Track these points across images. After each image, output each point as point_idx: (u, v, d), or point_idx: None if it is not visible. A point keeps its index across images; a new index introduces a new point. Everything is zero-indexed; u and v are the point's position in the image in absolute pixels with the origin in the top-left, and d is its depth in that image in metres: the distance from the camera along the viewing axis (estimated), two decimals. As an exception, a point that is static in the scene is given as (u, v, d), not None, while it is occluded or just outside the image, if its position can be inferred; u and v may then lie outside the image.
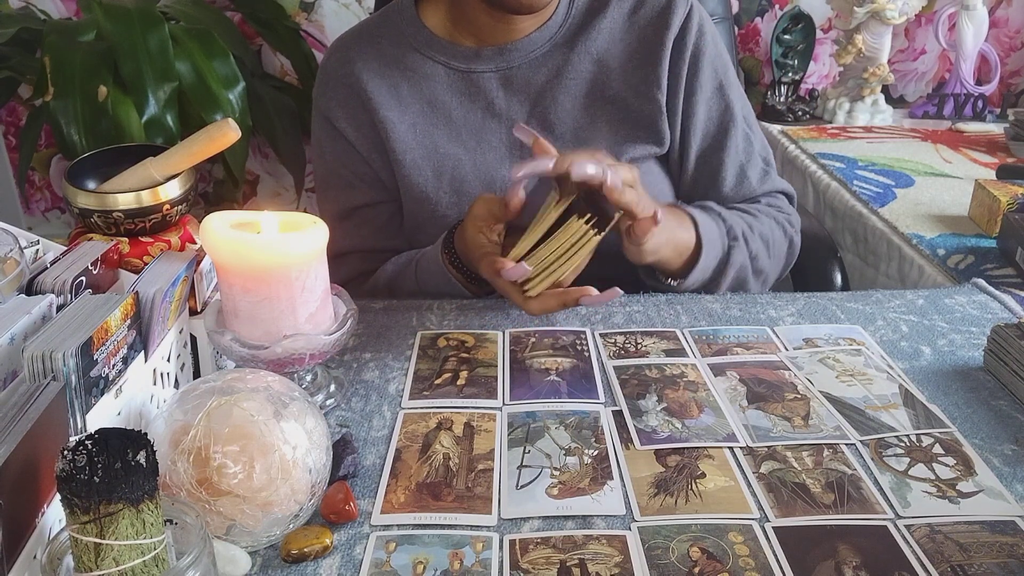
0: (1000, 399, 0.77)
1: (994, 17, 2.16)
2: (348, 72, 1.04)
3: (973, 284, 1.00)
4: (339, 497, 0.62)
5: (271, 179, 2.37)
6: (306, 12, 2.18)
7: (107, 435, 0.46)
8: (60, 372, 0.55)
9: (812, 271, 1.27)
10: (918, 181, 1.59)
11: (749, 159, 1.06)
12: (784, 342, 0.87)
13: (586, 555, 0.59)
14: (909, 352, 0.85)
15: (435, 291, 0.98)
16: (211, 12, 2.00)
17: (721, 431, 0.72)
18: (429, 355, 0.85)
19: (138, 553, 0.46)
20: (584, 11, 1.04)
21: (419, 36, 1.05)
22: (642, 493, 0.65)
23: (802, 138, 1.90)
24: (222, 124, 0.77)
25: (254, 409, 0.59)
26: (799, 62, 2.15)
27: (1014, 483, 0.66)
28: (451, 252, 0.95)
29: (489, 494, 0.65)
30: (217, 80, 1.77)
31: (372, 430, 0.74)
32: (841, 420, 0.74)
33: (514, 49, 1.03)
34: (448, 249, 0.95)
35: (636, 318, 0.93)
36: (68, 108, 1.63)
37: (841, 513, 0.63)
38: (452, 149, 1.04)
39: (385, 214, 1.09)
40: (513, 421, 0.74)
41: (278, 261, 0.70)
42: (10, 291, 0.64)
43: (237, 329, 0.72)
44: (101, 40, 1.72)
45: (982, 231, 1.33)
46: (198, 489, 0.56)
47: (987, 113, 2.01)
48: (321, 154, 1.09)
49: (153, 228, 0.79)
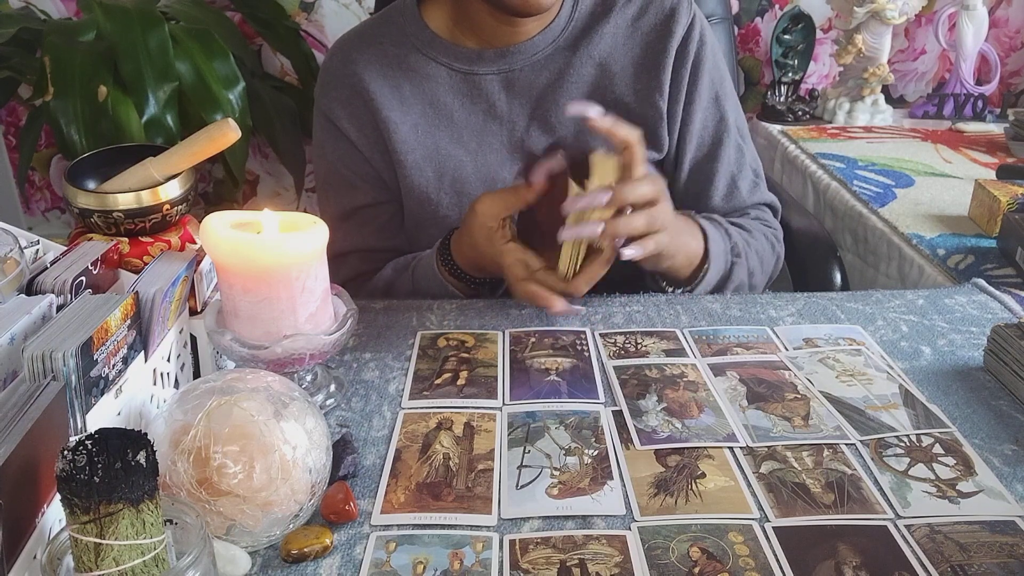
0: (1000, 399, 0.77)
1: (994, 17, 2.16)
2: (350, 72, 1.04)
3: (973, 284, 1.00)
4: (339, 497, 0.62)
5: (271, 179, 2.37)
6: (306, 12, 2.18)
7: (107, 435, 0.46)
8: (60, 372, 0.55)
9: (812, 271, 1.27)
10: (918, 181, 1.59)
11: (740, 170, 1.07)
12: (784, 342, 0.87)
13: (586, 555, 0.59)
14: (909, 352, 0.85)
15: (432, 296, 0.98)
16: (211, 12, 1.99)
17: (721, 431, 0.72)
18: (429, 355, 0.85)
19: (138, 553, 0.46)
20: (587, 15, 1.05)
21: (421, 37, 1.04)
22: (642, 493, 0.65)
23: (802, 138, 1.90)
24: (222, 124, 0.77)
25: (254, 409, 0.59)
26: (799, 62, 2.15)
27: (1014, 483, 0.66)
28: (447, 259, 0.95)
29: (489, 494, 0.65)
30: (217, 80, 1.76)
31: (372, 430, 0.74)
32: (841, 420, 0.74)
33: (516, 52, 1.03)
34: (444, 257, 0.95)
35: (636, 318, 0.93)
36: (68, 108, 1.63)
37: (841, 513, 0.63)
38: (453, 150, 1.04)
39: (386, 214, 1.09)
40: (513, 421, 0.74)
41: (278, 261, 0.70)
42: (10, 291, 0.64)
43: (237, 329, 0.72)
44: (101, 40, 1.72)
45: (982, 231, 1.33)
46: (198, 489, 0.56)
47: (987, 113, 2.01)
48: (322, 154, 1.09)
49: (153, 228, 0.79)
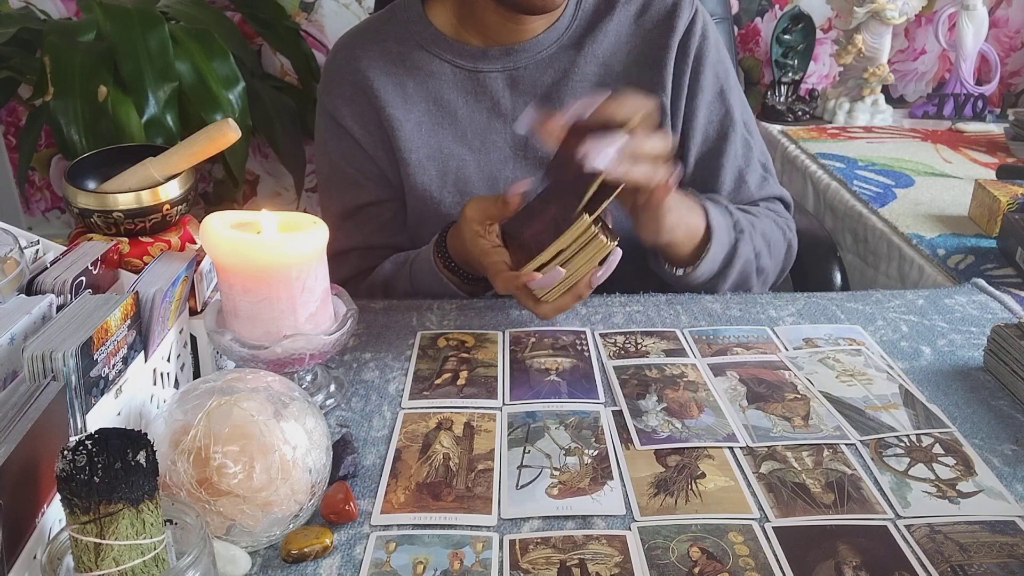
0: (1000, 399, 0.77)
1: (994, 17, 2.16)
2: (354, 69, 1.04)
3: (973, 284, 1.00)
4: (339, 497, 0.62)
5: (271, 179, 2.37)
6: (306, 12, 2.18)
7: (107, 435, 0.46)
8: (60, 372, 0.55)
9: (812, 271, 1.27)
10: (918, 181, 1.59)
11: (748, 164, 1.07)
12: (784, 342, 0.87)
13: (586, 555, 0.59)
14: (909, 352, 0.85)
15: (428, 292, 0.97)
16: (211, 12, 1.99)
17: (721, 431, 0.72)
18: (429, 355, 0.85)
19: (138, 553, 0.46)
20: (591, 13, 1.05)
21: (426, 34, 1.04)
22: (642, 493, 0.65)
23: (802, 138, 1.90)
24: (222, 124, 0.77)
25: (254, 409, 0.59)
26: (799, 62, 2.15)
27: (1014, 483, 0.66)
28: (444, 254, 0.94)
29: (489, 494, 0.65)
30: (217, 80, 1.76)
31: (372, 430, 0.74)
32: (841, 420, 0.74)
33: (521, 50, 1.03)
34: (441, 251, 0.95)
35: (636, 318, 0.93)
36: (68, 108, 1.63)
37: (841, 513, 0.63)
38: (457, 149, 1.04)
39: (389, 212, 1.08)
40: (513, 421, 0.74)
41: (278, 261, 0.70)
42: (10, 291, 0.64)
43: (237, 329, 0.72)
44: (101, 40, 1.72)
45: (982, 231, 1.33)
46: (198, 489, 0.56)
47: (987, 113, 2.01)
48: (326, 152, 1.09)
49: (153, 228, 0.79)
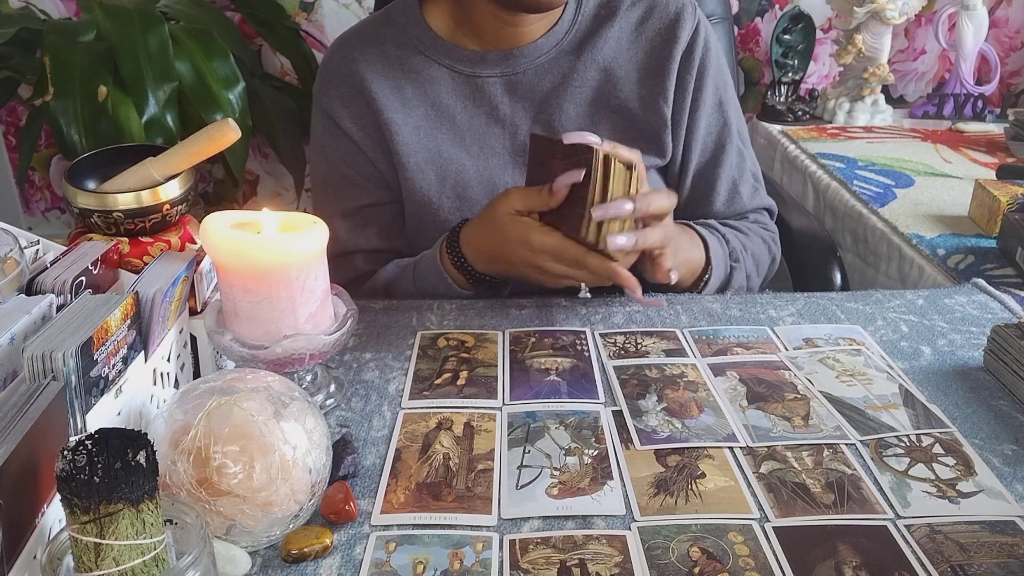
0: (1000, 399, 0.77)
1: (994, 17, 2.16)
2: (352, 71, 1.03)
3: (973, 284, 1.00)
4: (339, 497, 0.62)
5: (271, 179, 2.37)
6: (306, 12, 2.18)
7: (107, 435, 0.46)
8: (60, 372, 0.55)
9: (812, 271, 1.27)
10: (918, 181, 1.59)
11: (741, 175, 1.08)
12: (784, 342, 0.87)
13: (586, 555, 0.59)
14: (909, 352, 0.85)
15: (430, 292, 0.97)
16: (211, 12, 1.99)
17: (721, 431, 0.72)
18: (429, 355, 0.85)
19: (138, 553, 0.46)
20: (591, 19, 1.04)
21: (424, 38, 1.04)
22: (642, 493, 0.65)
23: (802, 138, 1.90)
24: (222, 124, 0.77)
25: (254, 409, 0.59)
26: (799, 62, 2.14)
27: (1014, 483, 0.66)
28: (454, 249, 0.94)
29: (489, 494, 0.65)
30: (217, 80, 1.76)
31: (372, 430, 0.74)
32: (841, 420, 0.74)
33: (520, 55, 1.02)
34: (452, 246, 0.94)
35: (636, 318, 0.93)
36: (68, 108, 1.63)
37: (841, 513, 0.63)
38: (456, 154, 1.03)
39: (389, 214, 1.08)
40: (513, 421, 0.74)
41: (278, 261, 0.70)
42: (10, 291, 0.64)
43: (237, 329, 0.72)
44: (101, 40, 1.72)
45: (982, 231, 1.33)
46: (198, 489, 0.56)
47: (987, 113, 2.01)
48: (323, 153, 1.08)
49: (153, 228, 0.79)
